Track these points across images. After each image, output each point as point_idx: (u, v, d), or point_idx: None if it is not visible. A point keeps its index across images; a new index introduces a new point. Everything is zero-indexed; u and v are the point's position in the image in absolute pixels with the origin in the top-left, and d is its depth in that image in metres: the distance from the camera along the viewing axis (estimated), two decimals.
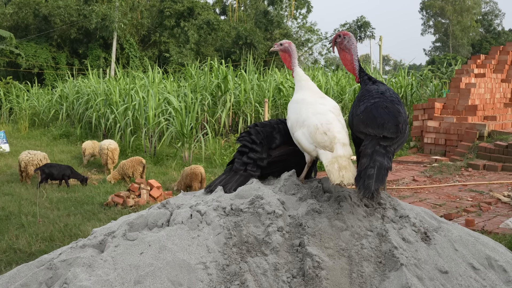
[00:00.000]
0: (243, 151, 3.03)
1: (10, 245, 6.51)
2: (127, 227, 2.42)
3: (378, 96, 2.77)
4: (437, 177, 10.76)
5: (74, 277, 2.07)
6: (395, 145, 2.63)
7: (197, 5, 37.91)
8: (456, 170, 11.33)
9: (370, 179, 2.36)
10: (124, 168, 10.20)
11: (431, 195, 9.13)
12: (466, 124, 13.07)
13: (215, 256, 2.16)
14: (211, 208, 2.41)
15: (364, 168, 2.44)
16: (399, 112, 2.67)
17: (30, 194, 9.32)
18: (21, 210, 8.22)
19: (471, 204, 8.35)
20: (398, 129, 2.60)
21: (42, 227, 7.25)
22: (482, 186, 9.78)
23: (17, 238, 6.79)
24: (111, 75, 25.20)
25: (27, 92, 22.72)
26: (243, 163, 2.97)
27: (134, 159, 10.37)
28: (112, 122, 14.77)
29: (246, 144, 3.03)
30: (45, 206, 8.55)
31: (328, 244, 2.25)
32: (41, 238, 6.78)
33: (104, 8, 32.63)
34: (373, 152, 2.51)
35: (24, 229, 7.19)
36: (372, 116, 2.67)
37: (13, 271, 2.38)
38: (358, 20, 40.32)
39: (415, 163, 12.47)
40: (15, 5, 32.95)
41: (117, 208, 8.33)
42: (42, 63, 32.14)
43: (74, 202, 8.82)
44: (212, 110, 15.20)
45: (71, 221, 7.56)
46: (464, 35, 55.80)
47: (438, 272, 2.20)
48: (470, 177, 10.72)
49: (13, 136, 17.42)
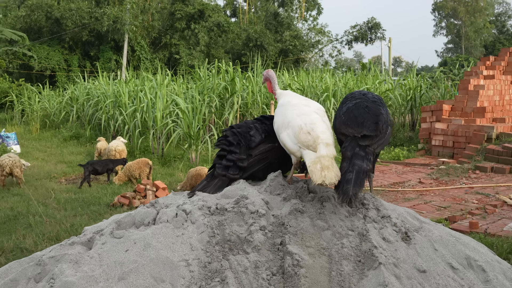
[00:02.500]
0: (222, 155, 3.07)
1: (17, 244, 6.62)
2: (115, 225, 2.49)
3: (360, 97, 2.82)
4: (443, 180, 10.71)
5: (60, 272, 2.15)
6: (375, 145, 2.65)
7: (207, 8, 38.12)
8: (463, 173, 11.26)
9: (349, 184, 2.41)
10: (131, 169, 10.32)
11: (437, 197, 9.09)
12: (474, 126, 12.99)
13: (198, 254, 2.22)
14: (196, 208, 2.47)
15: (343, 172, 2.49)
16: (380, 112, 2.70)
17: (38, 195, 9.46)
18: (29, 210, 8.35)
19: (476, 207, 8.31)
20: (377, 127, 2.63)
21: (49, 227, 7.37)
22: (489, 188, 9.72)
23: (24, 237, 6.90)
24: (122, 77, 25.45)
25: (38, 94, 23.01)
26: (224, 167, 2.99)
27: (140, 160, 10.47)
28: (121, 123, 14.93)
29: (224, 148, 3.07)
30: (52, 207, 8.68)
31: (309, 243, 2.29)
32: (48, 238, 6.89)
33: (116, 10, 32.94)
34: (352, 155, 2.55)
35: (31, 229, 7.31)
36: (353, 116, 2.71)
37: (5, 267, 2.46)
38: (368, 22, 40.17)
39: (422, 165, 12.42)
40: (27, 8, 33.41)
41: (123, 208, 8.43)
42: (54, 65, 32.56)
43: (81, 203, 8.94)
44: (220, 111, 15.29)
45: (77, 221, 7.66)
46: (477, 36, 55.36)
47: (416, 271, 2.23)
48: (477, 180, 10.65)
49: (24, 138, 17.67)
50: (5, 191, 9.77)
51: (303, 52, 39.35)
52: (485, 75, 14.75)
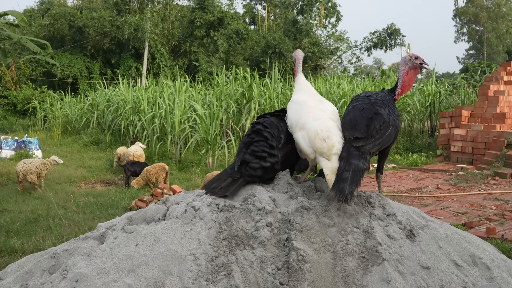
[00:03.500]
0: (261, 156, 2.85)
1: (36, 246, 6.78)
2: (126, 221, 2.57)
3: (362, 99, 2.86)
4: (462, 186, 10.60)
5: (73, 264, 2.23)
6: (370, 145, 2.69)
7: (227, 15, 38.47)
8: (482, 179, 11.13)
9: (345, 183, 2.47)
10: (148, 174, 10.48)
11: (454, 203, 9.01)
12: (494, 132, 12.83)
13: (205, 249, 2.28)
14: (205, 204, 2.54)
15: (340, 172, 2.55)
16: (377, 113, 2.74)
17: (58, 198, 9.65)
18: (49, 213, 8.53)
19: (495, 213, 8.21)
20: (368, 129, 2.69)
21: (68, 229, 7.53)
22: (508, 195, 9.60)
23: (44, 239, 7.06)
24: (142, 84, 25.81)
25: (60, 101, 23.46)
26: (263, 168, 2.82)
27: (157, 165, 10.62)
28: (139, 129, 15.14)
29: (265, 150, 2.86)
30: (72, 210, 8.85)
31: (314, 240, 2.33)
32: (66, 240, 7.03)
33: (137, 19, 33.48)
34: (348, 155, 2.62)
35: (50, 231, 7.47)
36: (348, 119, 2.80)
37: (22, 260, 2.57)
38: (388, 28, 39.99)
39: (440, 171, 12.31)
40: (51, 17, 34.18)
41: None
42: (76, 73, 33.19)
43: (99, 206, 9.09)
44: (237, 117, 15.40)
45: (95, 224, 7.80)
46: (499, 42, 54.57)
47: (420, 267, 2.25)
48: (496, 186, 10.52)
49: (46, 143, 18.03)
50: (26, 194, 10.00)
51: (322, 59, 39.34)
52: (506, 81, 14.57)
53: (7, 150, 14.49)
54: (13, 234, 7.31)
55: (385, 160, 3.00)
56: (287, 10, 44.00)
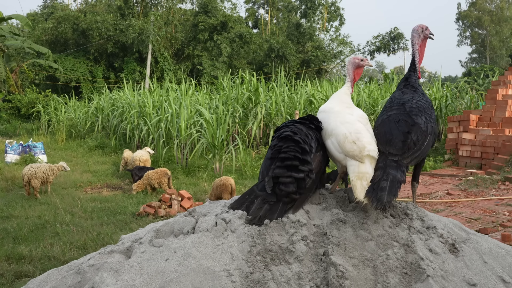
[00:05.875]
0: (292, 165, 2.56)
1: (45, 252, 6.68)
2: (153, 234, 2.46)
3: (396, 108, 2.75)
4: (472, 191, 10.48)
5: (101, 281, 2.12)
6: (408, 159, 2.60)
7: (230, 19, 38.45)
8: (492, 184, 11.01)
9: (383, 192, 2.37)
10: (150, 178, 10.39)
11: (466, 209, 8.89)
12: (503, 137, 12.71)
13: (239, 264, 2.17)
14: (235, 216, 2.43)
15: (377, 180, 2.45)
16: (413, 124, 2.64)
17: (65, 204, 9.55)
18: (56, 219, 8.43)
19: (508, 219, 8.10)
20: (405, 145, 2.59)
21: (76, 236, 7.42)
22: None
23: (52, 246, 6.96)
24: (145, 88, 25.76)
25: (64, 104, 23.40)
26: (295, 181, 2.52)
27: (159, 170, 10.54)
28: (145, 133, 15.05)
29: (297, 155, 2.58)
30: (79, 216, 8.75)
31: (352, 254, 2.23)
32: (75, 247, 6.93)
33: (141, 22, 33.47)
34: (385, 166, 2.52)
35: (58, 237, 7.37)
36: (382, 131, 2.69)
37: (44, 275, 2.46)
38: (391, 32, 39.93)
39: (449, 176, 12.19)
40: (55, 20, 34.18)
41: (148, 218, 8.46)
42: (79, 76, 33.16)
43: (107, 212, 9.00)
44: (243, 122, 15.30)
45: (103, 230, 7.71)
46: (502, 46, 54.48)
47: (466, 284, 2.15)
48: (508, 191, 10.40)
49: (50, 147, 17.95)
50: (32, 199, 9.91)
51: (325, 63, 39.30)
52: None
53: (12, 154, 14.40)
54: (21, 241, 7.22)
55: (421, 168, 2.90)
56: (290, 13, 43.99)
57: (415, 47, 3.00)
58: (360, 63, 3.01)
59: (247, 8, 47.93)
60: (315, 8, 41.65)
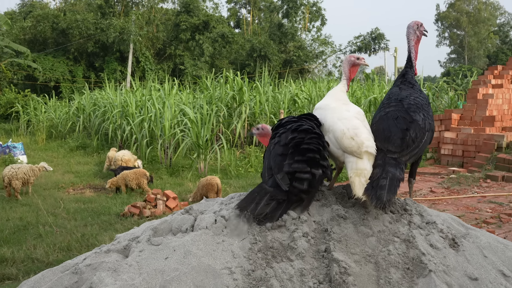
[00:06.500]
0: (314, 158, 2.47)
1: (28, 254, 6.55)
2: (151, 232, 2.41)
3: (394, 104, 2.74)
4: (455, 189, 10.62)
5: (99, 281, 2.07)
6: (406, 157, 2.60)
7: (212, 19, 38.33)
8: (474, 182, 11.18)
9: (383, 190, 2.36)
10: (127, 178, 10.27)
11: (450, 206, 9.00)
12: (484, 135, 12.91)
13: (240, 261, 2.14)
14: (235, 214, 2.40)
15: (376, 178, 2.44)
16: (412, 121, 2.63)
17: (47, 205, 9.39)
18: (39, 220, 8.29)
19: (491, 216, 8.22)
20: (403, 143, 2.58)
21: (60, 237, 7.30)
22: (501, 197, 9.64)
23: (35, 248, 6.83)
24: (126, 87, 25.48)
25: (44, 104, 23.04)
26: (312, 177, 2.44)
27: (137, 171, 10.43)
28: (128, 133, 14.89)
29: (319, 147, 2.51)
30: (62, 217, 8.61)
31: (354, 250, 2.21)
32: (59, 248, 6.82)
33: (122, 22, 33.13)
34: (384, 163, 2.51)
35: (41, 239, 7.24)
36: (381, 128, 2.68)
37: (37, 276, 2.39)
38: (372, 32, 40.30)
39: (432, 174, 12.33)
40: (33, 19, 33.59)
41: (133, 218, 8.36)
42: (58, 76, 32.66)
43: (91, 213, 8.87)
44: (228, 121, 15.25)
45: (88, 231, 7.59)
46: (480, 47, 55.43)
47: (467, 279, 2.15)
48: (489, 189, 10.56)
49: (30, 148, 17.64)
50: (13, 201, 9.71)
51: (307, 63, 39.44)
52: (494, 84, 14.71)
53: None
54: (3, 243, 7.07)
55: (418, 165, 2.90)
56: (272, 13, 44.06)
57: (410, 43, 3.00)
58: (356, 61, 2.98)
59: (229, 8, 47.88)
60: (297, 8, 41.80)
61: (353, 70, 3.02)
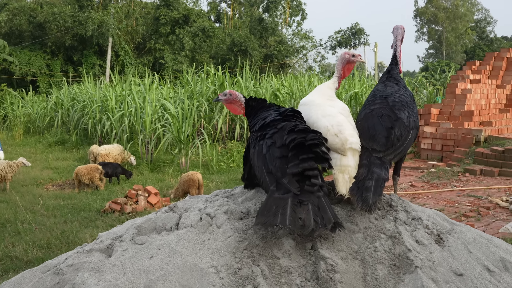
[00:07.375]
0: (318, 154, 2.37)
1: (6, 253, 6.42)
2: (134, 231, 2.37)
3: (379, 102, 2.74)
4: (434, 183, 10.75)
5: (82, 282, 2.02)
6: (391, 155, 2.60)
7: (192, 13, 38.02)
8: (453, 176, 11.34)
9: (368, 192, 2.35)
10: (79, 174, 10.15)
11: (430, 200, 9.12)
12: (463, 130, 13.10)
13: (226, 260, 2.11)
14: (220, 211, 2.37)
15: (362, 178, 2.43)
16: (396, 119, 2.63)
17: (25, 202, 9.22)
18: (17, 217, 8.13)
19: (470, 209, 8.35)
20: (387, 141, 2.57)
21: (39, 235, 7.17)
22: (480, 191, 9.79)
23: (13, 245, 6.70)
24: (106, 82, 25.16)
25: (21, 99, 22.61)
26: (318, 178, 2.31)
27: (89, 166, 10.35)
28: (108, 128, 14.70)
29: (323, 142, 2.44)
30: (41, 214, 8.46)
31: (340, 247, 2.21)
32: (38, 246, 6.70)
33: (100, 15, 32.65)
34: (370, 163, 2.50)
35: (20, 237, 7.10)
36: (366, 126, 2.66)
37: (17, 277, 2.32)
38: (352, 27, 40.50)
39: (412, 168, 12.47)
40: (9, 12, 32.86)
41: (114, 215, 8.26)
42: (35, 70, 32.06)
43: (70, 209, 8.74)
44: (209, 116, 15.17)
45: (68, 228, 7.48)
46: (457, 42, 56.19)
47: (453, 274, 2.16)
48: (468, 182, 10.73)
49: (7, 144, 17.29)
50: None
51: (287, 57, 39.45)
52: (472, 79, 14.92)
53: None
54: None
55: (402, 163, 2.91)
56: (253, 8, 43.92)
57: (398, 43, 3.02)
58: (351, 58, 2.92)
59: (209, 2, 47.58)
60: (278, 3, 41.76)
61: (348, 68, 2.95)
